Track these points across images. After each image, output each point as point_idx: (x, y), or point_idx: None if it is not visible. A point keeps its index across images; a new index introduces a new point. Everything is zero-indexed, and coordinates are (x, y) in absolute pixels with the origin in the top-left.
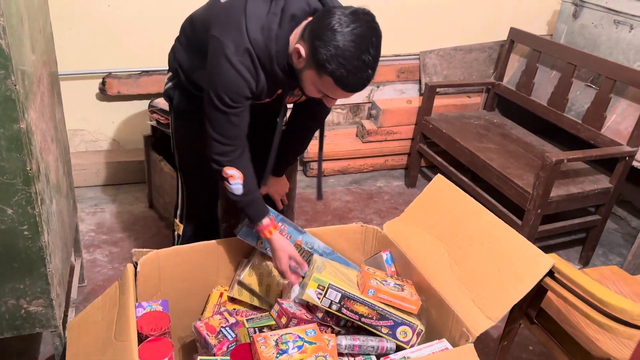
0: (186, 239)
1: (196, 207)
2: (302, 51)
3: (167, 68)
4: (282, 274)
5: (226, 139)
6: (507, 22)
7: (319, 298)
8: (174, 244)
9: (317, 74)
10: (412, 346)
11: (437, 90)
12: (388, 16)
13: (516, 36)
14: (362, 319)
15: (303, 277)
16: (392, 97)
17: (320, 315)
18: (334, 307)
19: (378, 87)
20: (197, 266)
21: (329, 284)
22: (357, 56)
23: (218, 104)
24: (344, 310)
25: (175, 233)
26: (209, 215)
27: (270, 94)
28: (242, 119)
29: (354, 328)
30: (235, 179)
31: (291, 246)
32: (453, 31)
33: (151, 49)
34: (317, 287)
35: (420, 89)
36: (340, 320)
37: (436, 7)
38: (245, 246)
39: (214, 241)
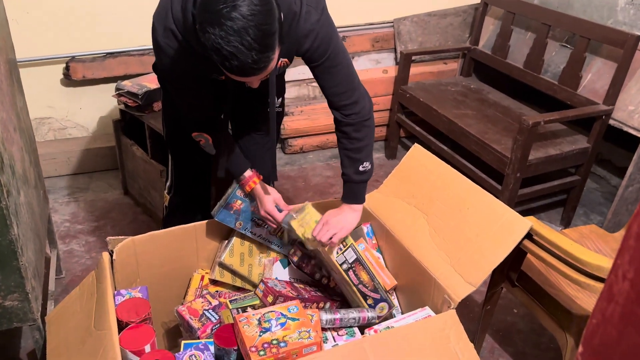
0: (171, 209)
1: (183, 179)
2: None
3: (136, 48)
4: (269, 214)
5: (186, 110)
6: None
7: (337, 253)
8: (163, 219)
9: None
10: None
11: (413, 58)
12: None
13: None
14: (360, 286)
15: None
16: (367, 67)
17: (295, 259)
18: (344, 266)
19: (353, 57)
20: (176, 250)
21: (352, 243)
22: (232, 39)
23: (166, 84)
24: (350, 273)
25: (164, 205)
26: (197, 189)
27: (212, 71)
28: (194, 94)
29: (323, 286)
30: (205, 142)
31: (276, 193)
32: None
33: (115, 30)
34: (342, 242)
35: (396, 58)
36: (315, 273)
37: None
38: (223, 228)
39: (191, 225)
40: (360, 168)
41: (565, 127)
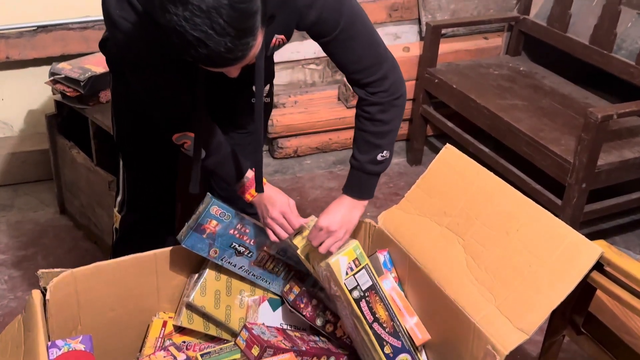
0: (123, 233)
1: (139, 192)
2: None
3: (77, 20)
4: (284, 217)
5: (158, 103)
6: None
7: (347, 273)
8: (112, 246)
9: None
10: None
11: (443, 32)
12: None
13: None
14: (374, 325)
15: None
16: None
17: (291, 297)
18: (355, 294)
19: None
20: (130, 287)
21: (367, 263)
22: (200, 22)
23: (129, 70)
24: (362, 304)
25: (114, 227)
26: (158, 205)
27: None
28: (166, 80)
29: (327, 335)
30: (190, 145)
31: (286, 198)
32: None
33: None
34: (353, 260)
35: (420, 32)
36: (316, 317)
37: None
38: (193, 257)
39: (150, 253)
40: (379, 157)
41: None
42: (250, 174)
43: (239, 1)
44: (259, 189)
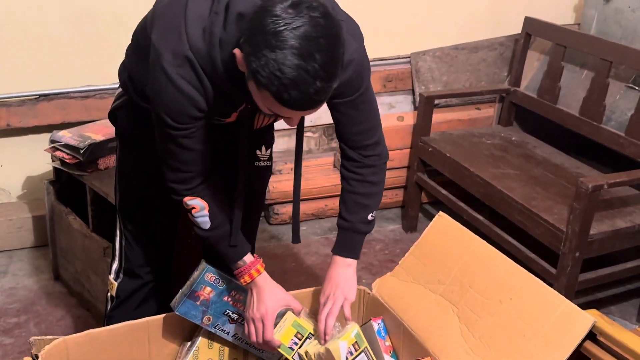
0: (118, 301)
1: (136, 259)
2: (239, 57)
3: (78, 89)
4: (251, 321)
5: (180, 164)
6: (521, 11)
7: (346, 358)
8: (105, 313)
9: (256, 87)
10: None
11: (436, 102)
12: (369, 10)
13: (533, 28)
14: None
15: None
16: None
17: None
18: None
19: None
20: (123, 355)
21: (366, 347)
22: (296, 65)
23: (163, 126)
24: None
25: (109, 294)
26: (155, 273)
27: (225, 112)
28: (196, 142)
29: None
30: (199, 210)
31: (277, 301)
32: (452, 25)
33: (52, 65)
34: (353, 345)
35: (414, 101)
36: None
37: None
38: (186, 325)
39: (142, 320)
40: (369, 217)
41: (637, 191)
42: (249, 258)
43: (330, 45)
44: (296, 239)
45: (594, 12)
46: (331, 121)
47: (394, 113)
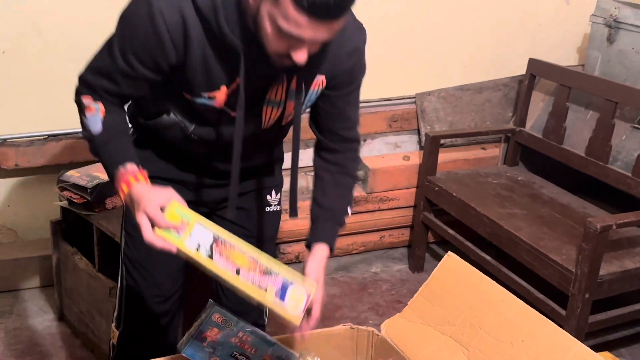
0: (121, 350)
1: (139, 305)
2: None
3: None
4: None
5: (102, 80)
6: (525, 52)
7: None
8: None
9: (272, 0)
10: None
11: (442, 141)
12: (374, 50)
13: (537, 69)
14: None
15: None
16: (383, 152)
17: None
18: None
19: (365, 140)
20: None
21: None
22: None
23: (109, 46)
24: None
25: (110, 343)
26: (157, 320)
27: (213, 83)
28: (132, 83)
29: None
30: (93, 112)
31: (169, 192)
32: (456, 67)
33: (60, 105)
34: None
35: (419, 141)
36: None
37: (433, 37)
38: None
39: None
40: (349, 210)
41: None
42: (131, 167)
43: None
44: (293, 213)
45: (597, 53)
46: None
47: (400, 152)
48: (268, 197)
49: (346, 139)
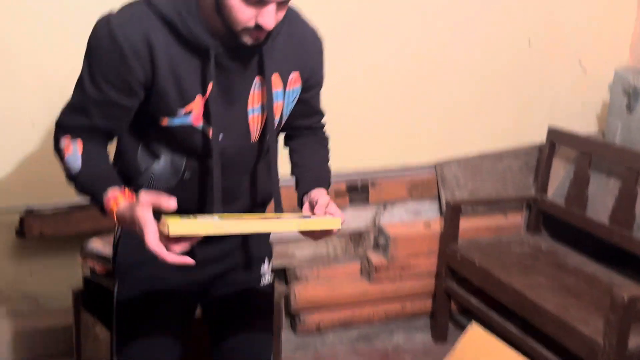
0: None
1: None
2: None
3: None
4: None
5: (74, 118)
6: (544, 120)
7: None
8: None
9: None
10: None
11: (463, 209)
12: (394, 119)
13: (557, 137)
14: None
15: None
16: (404, 219)
17: None
18: None
19: (385, 207)
20: None
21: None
22: None
23: (79, 81)
24: None
25: None
26: None
27: (186, 95)
28: (107, 112)
29: None
30: (71, 152)
31: (147, 198)
32: (475, 134)
33: None
34: None
35: (440, 208)
36: None
37: (453, 105)
38: None
39: None
40: (330, 179)
41: None
42: (113, 191)
43: None
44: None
45: (617, 121)
46: (356, 226)
47: (420, 220)
48: (262, 267)
49: (318, 127)
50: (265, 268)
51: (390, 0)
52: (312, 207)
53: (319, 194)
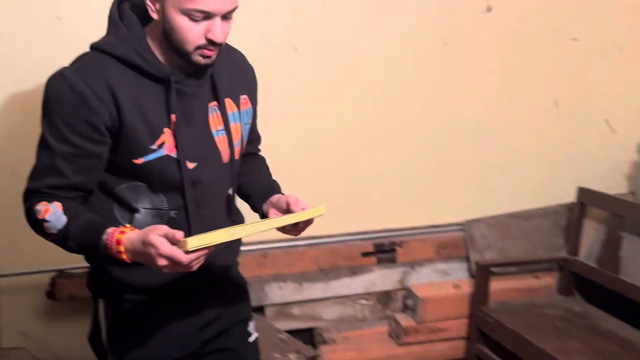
0: None
1: None
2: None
3: None
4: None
5: (45, 180)
6: (573, 180)
7: None
8: None
9: None
10: None
11: (493, 270)
12: (422, 177)
13: (587, 197)
14: None
15: None
16: (433, 280)
17: None
18: None
19: (413, 267)
20: None
21: None
22: None
23: (42, 142)
24: None
25: None
26: None
27: (154, 127)
28: (78, 165)
29: None
30: (52, 211)
31: (157, 227)
32: (504, 193)
33: None
34: None
35: (469, 269)
36: None
37: (480, 165)
38: None
39: None
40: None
41: None
42: (110, 230)
43: None
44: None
45: None
46: (384, 287)
47: (449, 280)
48: (250, 325)
49: (258, 152)
50: (252, 327)
51: (422, 69)
52: (280, 210)
53: (281, 197)
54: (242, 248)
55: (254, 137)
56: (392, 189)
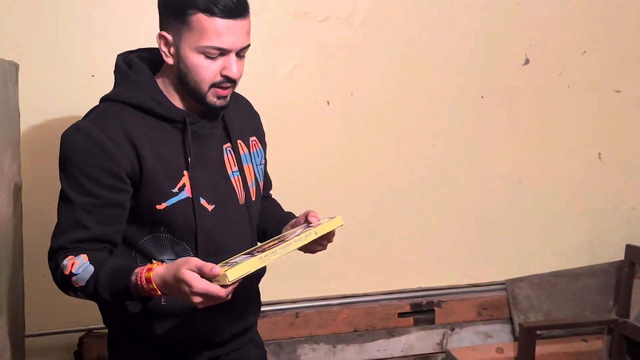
0: None
1: None
2: (167, 35)
3: None
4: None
5: (70, 235)
6: (621, 237)
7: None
8: None
9: (188, 29)
10: None
11: (538, 332)
12: (460, 234)
13: (636, 256)
14: None
15: None
16: (474, 343)
17: None
18: None
19: (452, 329)
20: None
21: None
22: None
23: (63, 198)
24: None
25: None
26: None
27: (174, 170)
28: (101, 216)
29: None
30: (79, 264)
31: (188, 260)
32: (548, 252)
33: None
34: None
35: (513, 331)
36: None
37: (523, 221)
38: None
39: None
40: None
41: None
42: (138, 269)
43: None
44: None
45: None
46: (423, 351)
47: (492, 344)
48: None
49: (270, 196)
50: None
51: (460, 123)
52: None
53: (297, 219)
54: (274, 307)
55: (266, 182)
56: (430, 246)
